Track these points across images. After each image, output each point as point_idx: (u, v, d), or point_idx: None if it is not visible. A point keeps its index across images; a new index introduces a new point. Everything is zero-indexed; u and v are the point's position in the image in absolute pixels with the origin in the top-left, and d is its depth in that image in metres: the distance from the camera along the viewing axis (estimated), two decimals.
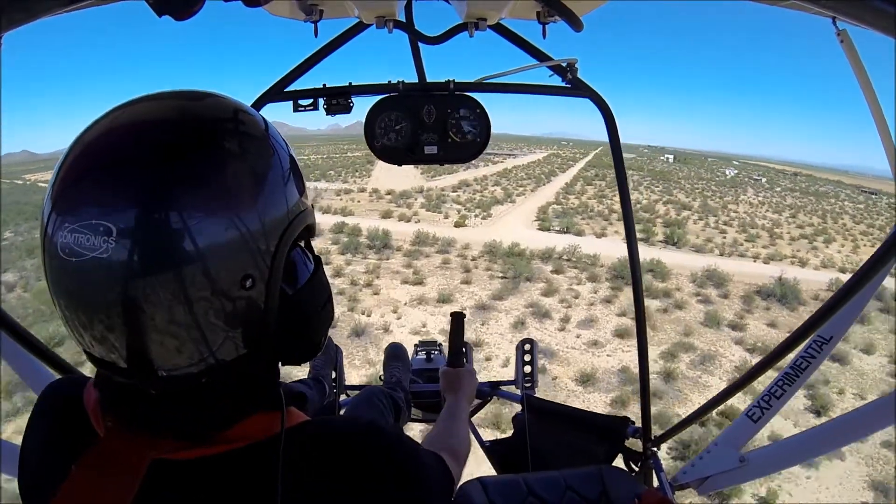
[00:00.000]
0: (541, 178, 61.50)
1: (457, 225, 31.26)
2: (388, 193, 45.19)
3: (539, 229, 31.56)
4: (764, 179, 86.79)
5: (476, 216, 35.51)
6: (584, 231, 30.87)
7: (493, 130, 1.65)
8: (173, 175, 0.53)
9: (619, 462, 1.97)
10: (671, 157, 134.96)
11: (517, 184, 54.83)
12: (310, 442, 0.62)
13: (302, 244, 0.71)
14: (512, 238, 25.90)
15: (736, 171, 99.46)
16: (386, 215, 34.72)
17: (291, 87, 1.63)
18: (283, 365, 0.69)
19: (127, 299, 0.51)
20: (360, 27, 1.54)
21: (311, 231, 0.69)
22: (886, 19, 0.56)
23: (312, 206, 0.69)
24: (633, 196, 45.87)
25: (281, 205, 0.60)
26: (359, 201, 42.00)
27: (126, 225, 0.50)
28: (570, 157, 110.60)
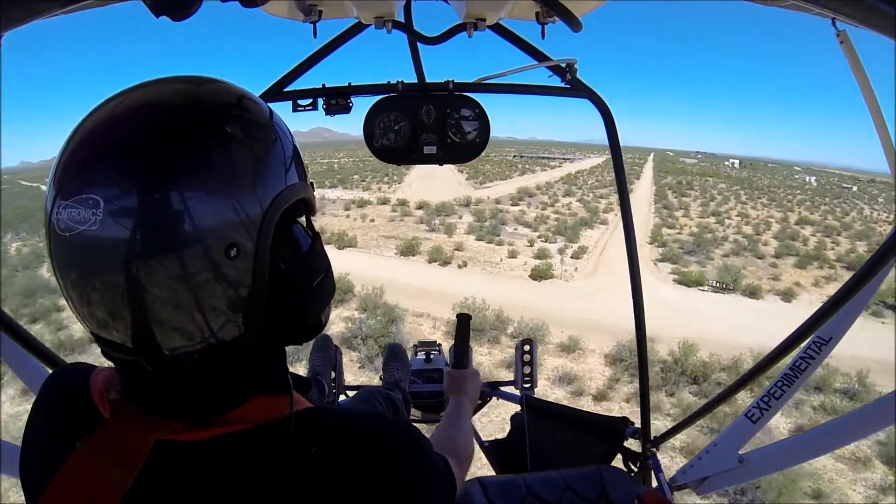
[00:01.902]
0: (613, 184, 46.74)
1: (536, 275, 16.69)
2: (420, 207, 30.25)
3: (679, 283, 17.26)
4: (855, 188, 75.57)
5: (561, 252, 20.41)
6: (759, 287, 16.79)
7: (539, 137, 1.56)
8: (168, 154, 0.53)
9: (618, 462, 1.97)
10: (736, 162, 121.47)
11: (594, 194, 40.62)
12: (315, 427, 0.62)
13: (303, 220, 0.70)
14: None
15: (815, 178, 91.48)
16: (407, 251, 20.26)
17: (290, 87, 1.63)
18: (285, 345, 0.69)
19: (117, 273, 0.51)
20: (359, 27, 1.54)
21: (309, 206, 0.69)
22: (886, 19, 0.56)
23: (313, 185, 0.69)
24: (753, 213, 36.89)
25: (280, 185, 0.60)
26: (373, 220, 28.18)
27: (113, 197, 0.50)
28: (630, 161, 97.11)
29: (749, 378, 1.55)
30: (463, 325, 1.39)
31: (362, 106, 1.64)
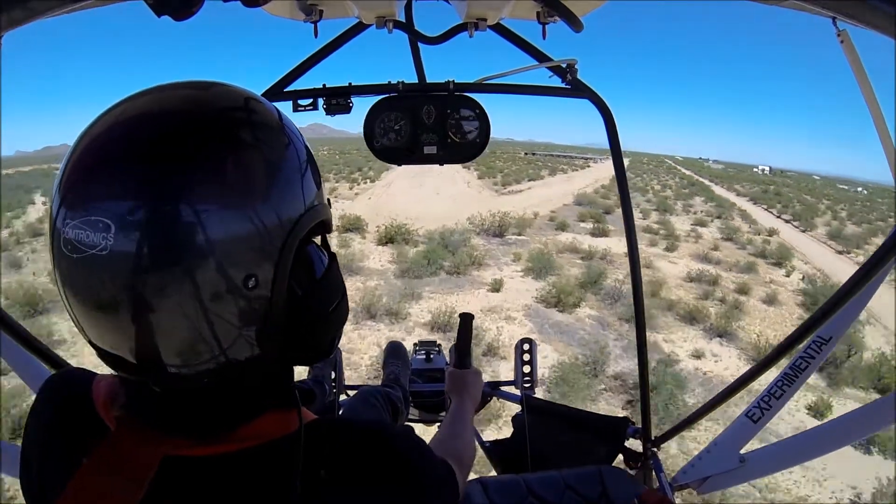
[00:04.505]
0: (700, 194, 37.66)
1: None
2: (389, 241, 16.36)
3: None
4: None
5: None
6: None
7: (537, 139, 1.47)
8: (178, 168, 0.51)
9: (619, 462, 1.97)
10: (767, 168, 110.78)
11: (703, 211, 30.20)
12: (323, 441, 0.62)
13: (318, 240, 0.69)
14: None
15: (864, 191, 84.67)
16: None
17: (291, 87, 1.63)
18: (295, 365, 0.68)
19: (126, 296, 0.50)
20: (359, 27, 1.54)
21: (325, 227, 0.67)
22: (886, 19, 0.56)
23: (329, 201, 0.67)
24: None
25: (297, 198, 0.58)
26: None
27: (124, 221, 0.49)
28: (656, 165, 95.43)
29: (749, 378, 1.55)
30: (465, 325, 1.38)
31: (363, 106, 1.64)
